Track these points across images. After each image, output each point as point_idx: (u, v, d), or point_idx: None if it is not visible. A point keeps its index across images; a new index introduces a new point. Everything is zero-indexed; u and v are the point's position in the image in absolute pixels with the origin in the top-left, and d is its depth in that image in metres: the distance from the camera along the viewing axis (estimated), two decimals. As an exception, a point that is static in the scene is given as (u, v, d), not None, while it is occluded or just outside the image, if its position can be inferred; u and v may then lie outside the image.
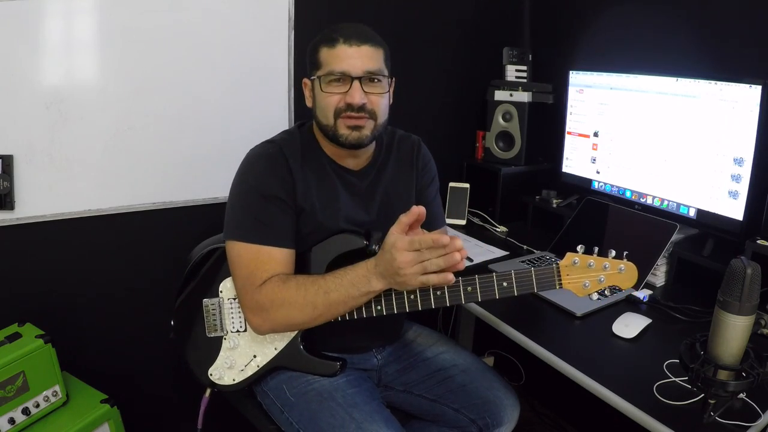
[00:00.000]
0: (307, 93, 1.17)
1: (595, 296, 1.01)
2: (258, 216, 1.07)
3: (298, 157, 1.13)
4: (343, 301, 1.01)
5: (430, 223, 1.25)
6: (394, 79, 1.17)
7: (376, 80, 1.09)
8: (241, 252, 1.07)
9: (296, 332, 1.13)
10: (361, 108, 1.08)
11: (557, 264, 0.99)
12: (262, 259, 1.06)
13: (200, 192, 1.62)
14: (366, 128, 1.10)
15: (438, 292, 1.02)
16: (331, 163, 1.17)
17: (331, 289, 1.01)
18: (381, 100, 1.11)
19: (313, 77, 1.12)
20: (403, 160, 1.26)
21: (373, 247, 1.10)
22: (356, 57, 1.07)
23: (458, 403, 1.24)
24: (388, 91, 1.14)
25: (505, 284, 1.00)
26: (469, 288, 1.01)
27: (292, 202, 1.10)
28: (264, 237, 1.06)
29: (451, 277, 0.96)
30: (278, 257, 1.07)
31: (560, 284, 0.99)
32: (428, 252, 0.93)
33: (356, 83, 1.07)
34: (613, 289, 1.33)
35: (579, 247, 0.98)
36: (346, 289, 1.01)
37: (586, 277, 0.99)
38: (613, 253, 0.99)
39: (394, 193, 1.24)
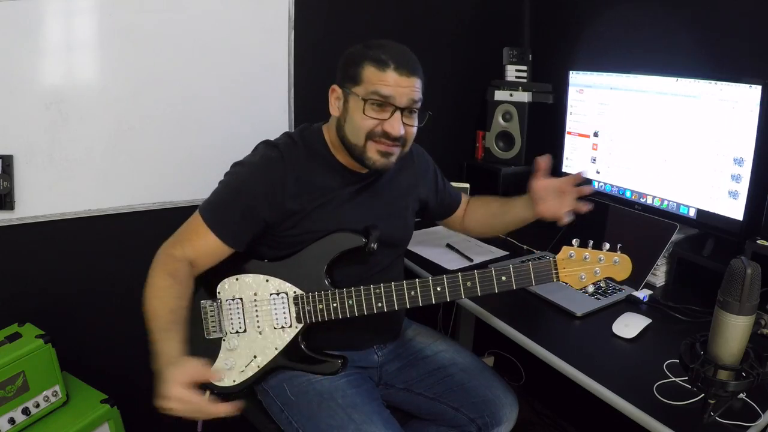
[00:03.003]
0: (333, 101, 1.13)
1: (591, 288, 1.03)
2: (222, 204, 1.10)
3: (300, 165, 1.12)
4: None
5: (452, 206, 1.42)
6: (430, 114, 1.14)
7: (415, 112, 1.09)
8: (193, 217, 1.11)
9: (297, 331, 1.13)
10: (397, 138, 1.07)
11: (554, 257, 1.01)
12: (193, 233, 1.09)
13: (200, 192, 1.60)
14: (395, 155, 1.10)
15: (438, 288, 1.03)
16: (339, 167, 1.16)
17: (151, 328, 1.01)
18: (414, 131, 1.12)
19: (348, 91, 1.08)
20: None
21: (372, 245, 1.10)
22: (405, 87, 1.05)
23: (457, 401, 1.24)
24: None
25: (503, 278, 1.01)
26: (469, 283, 1.02)
27: (266, 209, 1.09)
28: (213, 220, 1.08)
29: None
30: (208, 243, 1.08)
31: (557, 277, 1.01)
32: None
33: (398, 114, 1.05)
34: (612, 288, 1.35)
35: (574, 241, 1.01)
36: (154, 343, 0.99)
37: (582, 270, 1.00)
38: (608, 245, 1.01)
39: (396, 189, 1.25)
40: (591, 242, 1.01)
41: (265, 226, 1.11)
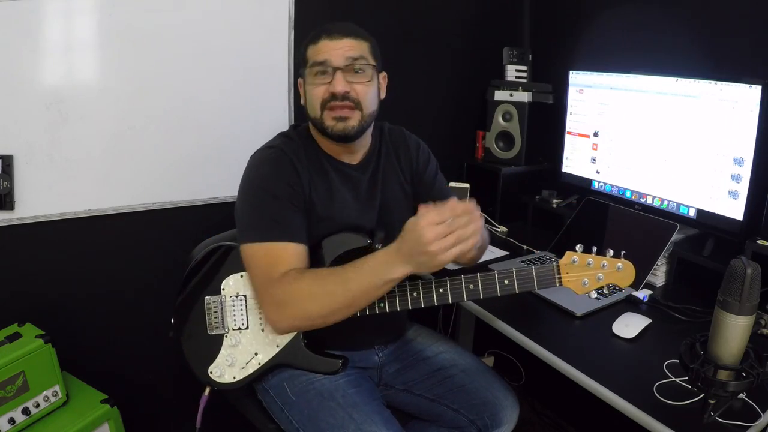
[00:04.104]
0: (301, 92, 1.18)
1: (593, 294, 1.03)
2: (269, 215, 1.07)
3: (300, 155, 1.14)
4: (363, 290, 0.97)
5: (443, 198, 1.28)
6: (384, 73, 1.19)
7: (359, 70, 1.10)
8: (255, 252, 1.06)
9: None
10: (345, 97, 1.08)
11: (557, 262, 1.01)
12: (275, 254, 1.04)
13: (200, 192, 1.62)
14: (352, 119, 1.10)
15: (440, 290, 1.03)
16: (330, 159, 1.18)
17: (350, 279, 0.98)
18: (366, 90, 1.11)
19: (303, 75, 1.15)
20: (395, 150, 1.28)
21: (377, 245, 1.10)
22: (338, 48, 1.09)
23: (457, 403, 1.24)
24: (375, 81, 1.14)
25: (506, 282, 1.01)
26: (471, 285, 1.02)
27: (301, 201, 1.10)
28: (276, 234, 1.05)
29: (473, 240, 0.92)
30: (292, 252, 1.05)
31: (560, 282, 1.01)
32: (455, 221, 0.90)
33: (338, 73, 1.08)
34: (612, 288, 1.34)
35: (578, 246, 1.01)
36: (367, 277, 0.97)
37: (584, 275, 1.00)
38: (611, 252, 1.01)
39: (393, 184, 1.25)
40: (594, 248, 1.01)
41: (306, 210, 1.11)
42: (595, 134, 1.68)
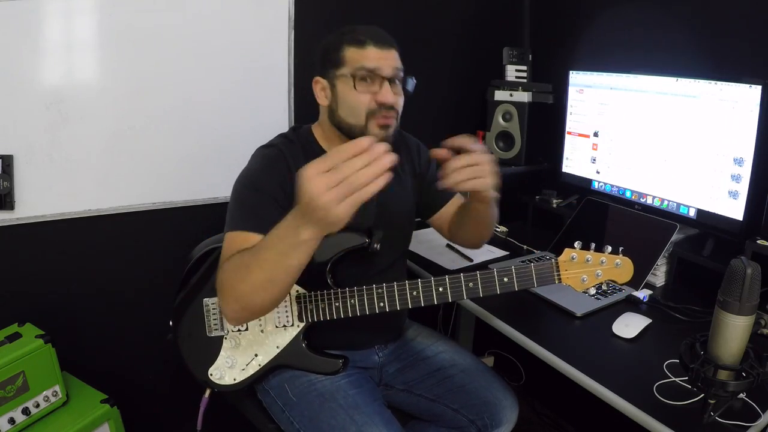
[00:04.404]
0: (319, 92, 1.15)
1: (592, 290, 1.03)
2: (247, 207, 1.07)
3: (298, 158, 1.13)
4: (275, 259, 0.87)
5: (445, 197, 1.32)
6: (414, 80, 1.20)
7: (398, 81, 1.12)
8: (226, 240, 1.05)
9: (298, 330, 1.13)
10: (391, 107, 1.10)
11: (556, 259, 1.01)
12: (237, 242, 1.01)
13: (200, 192, 1.62)
14: (392, 126, 1.12)
15: (440, 288, 1.03)
16: None
17: (261, 248, 0.89)
18: (402, 101, 1.14)
19: (333, 75, 1.11)
20: (395, 150, 1.26)
21: (375, 245, 1.11)
22: (387, 58, 1.09)
23: (457, 403, 1.24)
24: None
25: (505, 279, 1.02)
26: (471, 284, 1.03)
27: (285, 201, 1.08)
28: (246, 224, 1.03)
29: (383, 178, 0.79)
30: (253, 242, 0.97)
31: (559, 279, 1.02)
32: (345, 166, 0.76)
33: (387, 83, 1.09)
34: (612, 287, 1.35)
35: (576, 243, 1.02)
36: (274, 244, 0.86)
37: (583, 272, 1.01)
38: (609, 248, 1.01)
39: (392, 183, 1.23)
40: (593, 245, 1.02)
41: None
42: (595, 134, 1.68)
